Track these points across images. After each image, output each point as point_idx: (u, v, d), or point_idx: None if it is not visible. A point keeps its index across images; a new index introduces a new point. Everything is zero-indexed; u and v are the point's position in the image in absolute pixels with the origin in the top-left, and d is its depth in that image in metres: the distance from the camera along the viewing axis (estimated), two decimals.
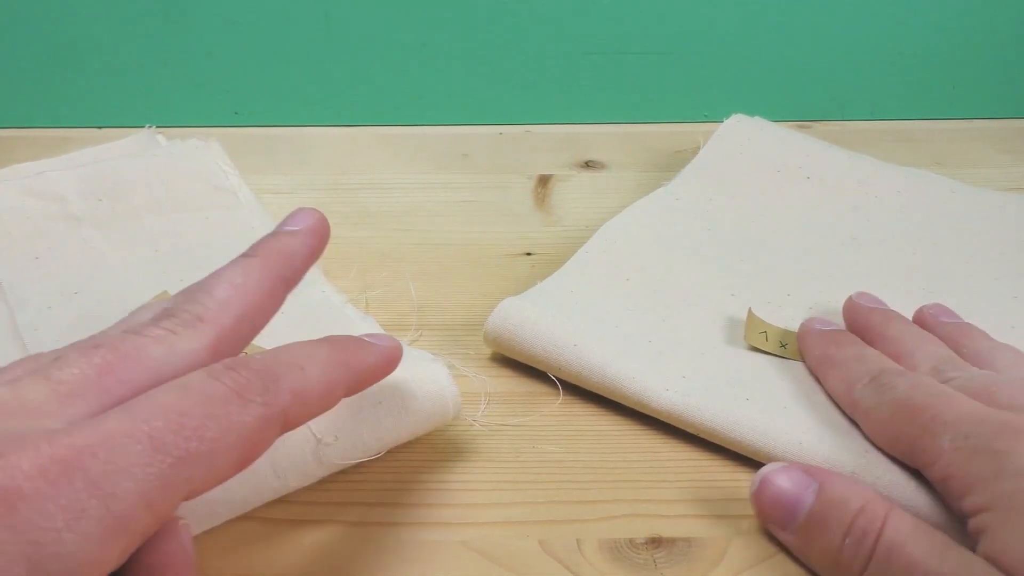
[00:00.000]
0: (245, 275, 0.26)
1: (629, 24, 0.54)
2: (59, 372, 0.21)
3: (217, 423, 0.21)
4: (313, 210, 0.29)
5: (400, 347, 0.28)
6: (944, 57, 0.56)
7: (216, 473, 0.21)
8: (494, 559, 0.29)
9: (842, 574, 0.25)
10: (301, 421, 0.24)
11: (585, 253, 0.40)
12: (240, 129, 0.56)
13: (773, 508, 0.28)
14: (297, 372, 0.23)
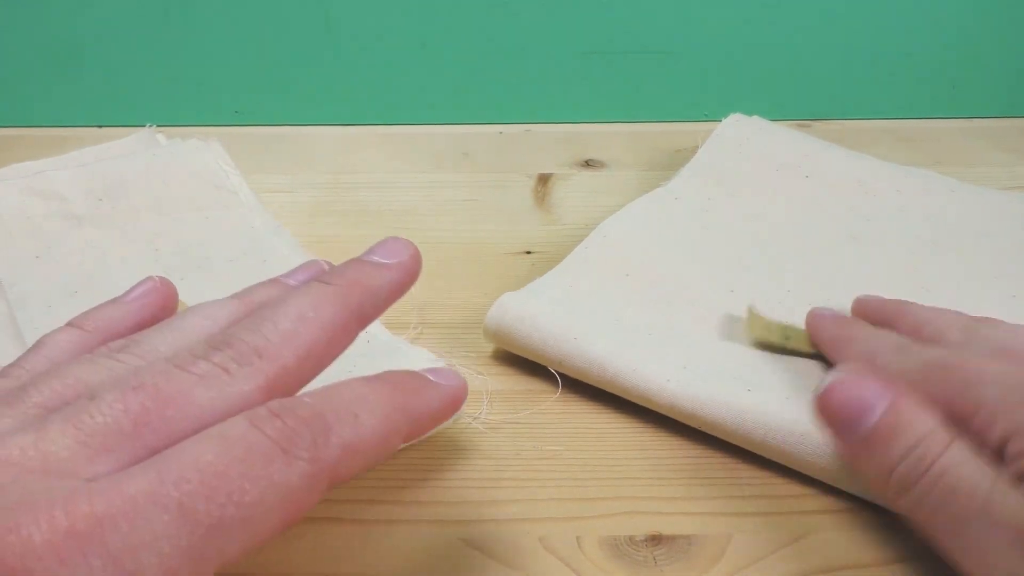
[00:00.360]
0: (317, 308, 0.22)
1: (629, 23, 0.54)
2: (91, 420, 0.19)
3: (257, 485, 0.18)
4: (408, 243, 0.26)
5: (465, 387, 0.26)
6: (944, 56, 0.56)
7: (254, 538, 0.19)
8: (494, 556, 0.29)
9: (887, 493, 0.25)
10: (351, 475, 0.21)
11: (584, 249, 0.40)
12: (240, 128, 0.56)
13: (840, 411, 0.26)
14: (350, 421, 0.21)
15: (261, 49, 0.54)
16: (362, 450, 0.21)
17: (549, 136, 0.55)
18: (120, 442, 0.19)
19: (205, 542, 0.18)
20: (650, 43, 0.55)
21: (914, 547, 0.29)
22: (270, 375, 0.21)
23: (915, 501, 0.24)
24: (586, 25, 0.54)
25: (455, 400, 0.25)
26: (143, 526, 0.17)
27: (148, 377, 0.20)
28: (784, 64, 0.56)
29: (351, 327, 0.23)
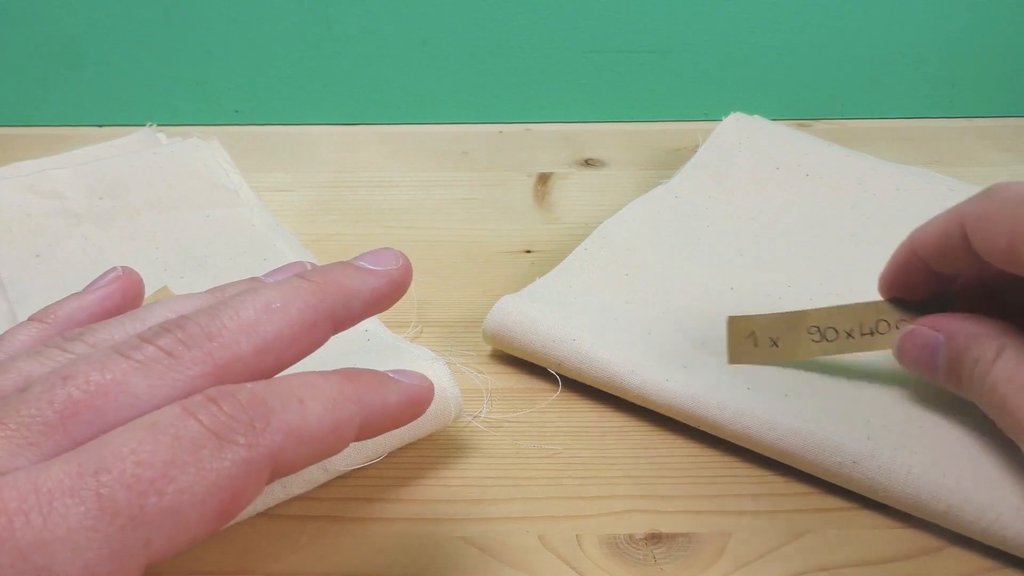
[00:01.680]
0: (285, 300, 0.21)
1: (629, 22, 0.54)
2: (16, 413, 0.18)
3: (184, 472, 0.17)
4: (399, 254, 0.25)
5: (432, 388, 0.24)
6: (943, 56, 0.56)
7: (187, 530, 0.17)
8: (494, 555, 0.29)
9: (970, 395, 0.29)
10: (299, 464, 0.20)
11: (584, 250, 0.40)
12: (241, 127, 0.56)
13: (916, 366, 0.30)
14: (294, 406, 0.19)
15: (261, 48, 0.54)
16: (308, 436, 0.19)
17: (549, 135, 0.55)
18: (45, 435, 0.18)
19: (126, 534, 0.16)
20: (650, 42, 0.55)
21: (914, 547, 0.29)
22: (219, 362, 0.20)
23: (989, 410, 0.28)
24: (586, 24, 0.54)
25: (416, 399, 0.23)
26: (57, 519, 0.16)
27: (82, 367, 0.19)
28: (784, 63, 0.56)
29: (320, 326, 0.22)
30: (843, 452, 0.30)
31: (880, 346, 0.31)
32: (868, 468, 0.29)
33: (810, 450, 0.30)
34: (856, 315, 0.32)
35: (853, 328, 0.31)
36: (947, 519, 0.29)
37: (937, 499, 0.28)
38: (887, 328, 0.31)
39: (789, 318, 0.32)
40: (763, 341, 0.32)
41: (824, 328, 0.32)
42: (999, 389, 0.27)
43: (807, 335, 0.32)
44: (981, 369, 0.27)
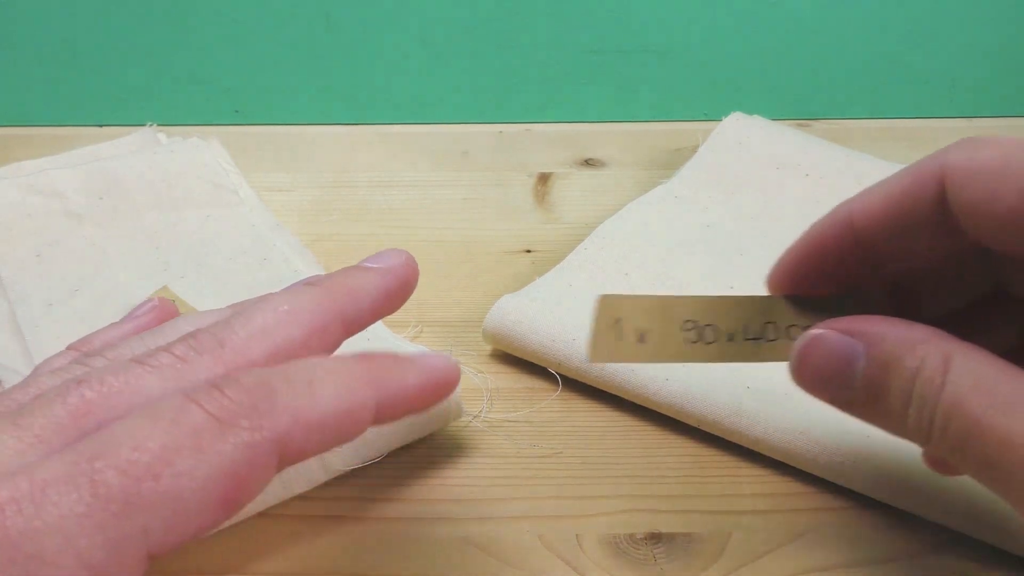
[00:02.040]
0: (294, 303, 0.21)
1: (629, 23, 0.54)
2: (29, 417, 0.18)
3: (183, 457, 0.17)
4: (401, 251, 0.25)
5: (457, 368, 0.23)
6: (943, 56, 0.56)
7: (188, 518, 0.17)
8: (494, 554, 0.29)
9: (912, 440, 0.21)
10: (311, 450, 0.19)
11: (584, 249, 0.40)
12: (241, 127, 0.56)
13: (821, 386, 0.22)
14: (302, 388, 0.19)
15: (261, 48, 0.54)
16: (318, 421, 0.19)
17: (549, 135, 0.55)
18: (56, 433, 0.18)
19: (121, 521, 0.16)
20: (650, 42, 0.55)
21: (914, 546, 0.29)
22: (231, 365, 0.19)
23: (943, 450, 0.20)
24: (586, 24, 0.54)
25: (438, 380, 0.22)
26: (49, 507, 0.16)
27: (97, 372, 0.19)
28: (784, 63, 0.56)
29: (332, 329, 0.22)
30: (843, 452, 0.30)
31: (767, 357, 0.24)
32: (866, 468, 0.30)
33: (810, 450, 0.30)
34: (741, 311, 0.25)
35: (736, 329, 0.24)
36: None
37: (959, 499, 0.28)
38: (776, 334, 0.24)
39: (662, 305, 0.25)
40: (628, 333, 0.24)
41: (702, 325, 0.25)
42: (965, 405, 0.19)
43: (681, 331, 0.25)
44: (927, 383, 0.20)
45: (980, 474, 0.19)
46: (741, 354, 0.24)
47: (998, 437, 0.18)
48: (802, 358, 0.22)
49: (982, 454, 0.19)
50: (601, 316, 0.24)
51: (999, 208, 0.20)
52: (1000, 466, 0.18)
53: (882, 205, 0.23)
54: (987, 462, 0.19)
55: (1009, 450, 0.18)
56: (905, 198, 0.22)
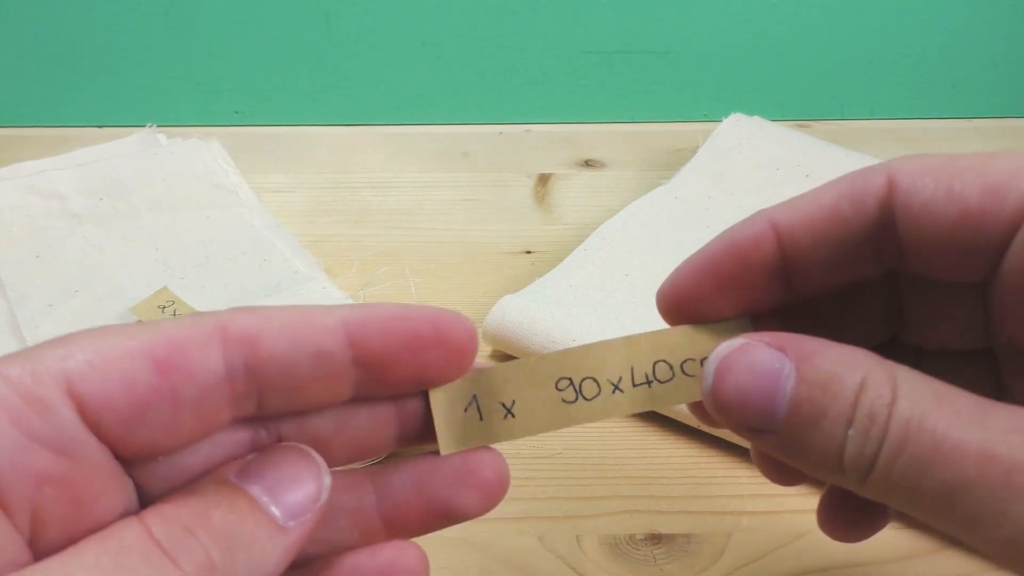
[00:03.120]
0: None
1: (629, 23, 0.54)
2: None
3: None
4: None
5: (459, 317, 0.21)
6: (943, 56, 0.56)
7: None
8: (494, 555, 0.29)
9: (848, 476, 0.18)
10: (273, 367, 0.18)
11: (584, 250, 0.40)
12: (241, 128, 0.56)
13: (741, 406, 0.18)
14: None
15: (261, 49, 0.54)
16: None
17: (549, 136, 0.55)
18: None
19: None
20: (650, 43, 0.55)
21: (915, 547, 0.29)
22: None
23: (887, 483, 0.17)
24: (586, 25, 0.54)
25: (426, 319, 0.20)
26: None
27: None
28: (784, 64, 0.56)
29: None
30: None
31: (665, 401, 0.21)
32: None
33: None
34: (621, 354, 0.21)
35: (621, 376, 0.21)
36: None
37: None
38: (669, 373, 0.21)
39: (526, 368, 0.21)
40: (491, 410, 0.21)
41: (578, 380, 0.21)
42: (927, 422, 0.16)
43: (556, 391, 0.21)
44: (876, 400, 0.17)
45: (938, 505, 0.16)
46: (633, 404, 0.21)
47: (975, 452, 0.16)
48: (722, 372, 0.19)
49: (950, 477, 0.16)
50: (442, 409, 0.21)
51: (954, 209, 0.18)
52: (974, 488, 0.16)
53: (811, 213, 0.20)
54: (957, 486, 0.16)
55: (989, 465, 0.16)
56: (841, 204, 0.20)
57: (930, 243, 0.19)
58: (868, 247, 0.19)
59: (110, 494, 0.17)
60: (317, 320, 0.18)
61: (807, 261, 0.20)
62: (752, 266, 0.20)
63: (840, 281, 0.20)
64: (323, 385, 0.19)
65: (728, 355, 0.19)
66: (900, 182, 0.19)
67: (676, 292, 0.21)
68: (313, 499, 0.18)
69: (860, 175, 0.20)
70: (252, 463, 0.18)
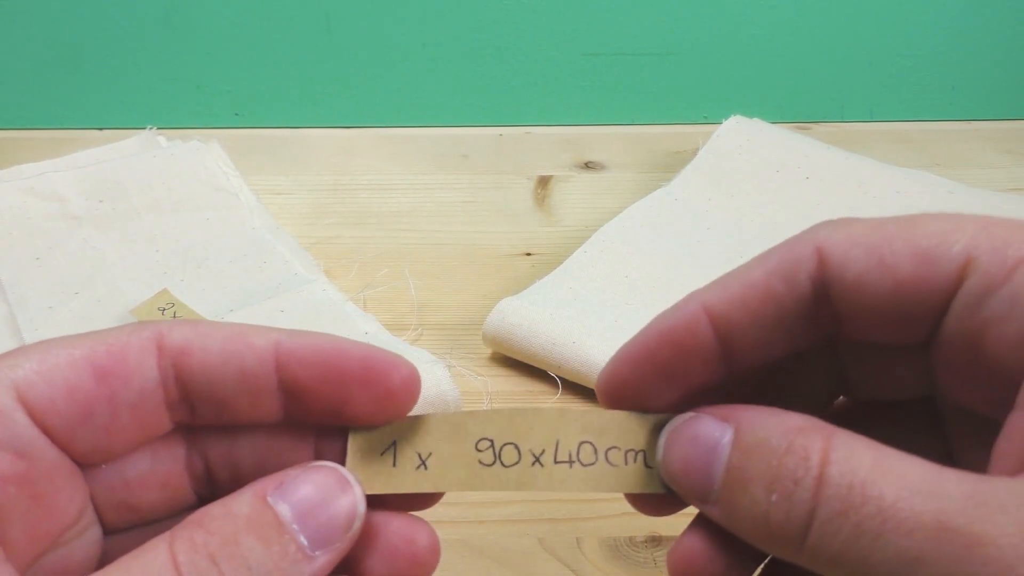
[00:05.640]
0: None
1: (629, 25, 0.54)
2: None
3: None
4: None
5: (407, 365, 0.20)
6: (943, 59, 0.56)
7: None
8: (494, 557, 0.29)
9: (781, 544, 0.17)
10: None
11: (584, 252, 0.40)
12: (241, 130, 0.56)
13: (685, 477, 0.19)
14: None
15: (261, 51, 0.54)
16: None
17: (549, 138, 0.55)
18: None
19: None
20: (650, 45, 0.55)
21: None
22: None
23: (830, 553, 0.16)
24: (586, 27, 0.54)
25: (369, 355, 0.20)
26: None
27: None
28: (784, 66, 0.56)
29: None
30: None
31: (583, 485, 0.20)
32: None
33: None
34: (549, 427, 0.20)
35: (544, 449, 0.20)
36: None
37: None
38: (593, 457, 0.20)
39: (450, 423, 0.21)
40: (406, 458, 0.20)
41: (500, 444, 0.21)
42: (872, 495, 0.15)
43: (474, 451, 0.21)
44: (800, 462, 0.16)
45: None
46: (550, 482, 0.20)
47: (931, 524, 0.15)
48: (669, 443, 0.19)
49: (905, 550, 0.15)
50: (359, 448, 0.20)
51: (888, 280, 0.18)
52: (932, 563, 0.15)
53: (742, 293, 0.19)
54: (912, 559, 0.15)
55: (947, 538, 0.15)
56: (772, 282, 0.19)
57: (866, 313, 0.18)
58: (804, 320, 0.19)
59: (68, 491, 0.18)
60: (250, 340, 0.19)
61: (743, 340, 0.20)
62: (688, 352, 0.20)
63: (779, 354, 0.20)
64: (249, 403, 0.19)
65: (676, 427, 0.19)
66: (831, 256, 0.19)
67: (615, 381, 0.21)
68: (343, 528, 0.18)
69: (788, 250, 0.19)
70: (290, 481, 0.18)
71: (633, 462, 0.20)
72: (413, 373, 0.20)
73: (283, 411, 0.19)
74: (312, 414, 0.19)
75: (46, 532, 0.18)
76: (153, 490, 0.20)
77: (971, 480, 0.15)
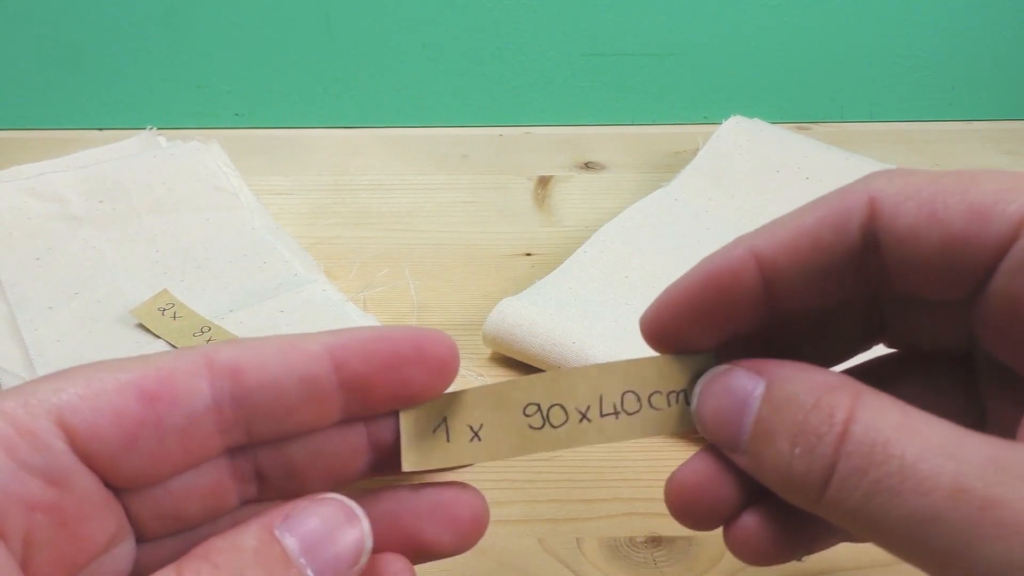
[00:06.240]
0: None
1: (629, 25, 0.54)
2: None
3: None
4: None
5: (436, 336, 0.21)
6: (943, 59, 0.56)
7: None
8: (494, 557, 0.29)
9: (801, 495, 0.18)
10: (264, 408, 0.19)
11: (584, 253, 0.40)
12: (241, 130, 0.56)
13: (717, 427, 0.19)
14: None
15: (262, 51, 0.54)
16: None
17: (549, 138, 0.55)
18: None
19: None
20: (650, 45, 0.55)
21: None
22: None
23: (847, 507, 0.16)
24: (586, 27, 0.54)
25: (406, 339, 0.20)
26: None
27: None
28: (784, 66, 0.56)
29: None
30: None
31: (631, 433, 0.21)
32: None
33: None
34: (592, 383, 0.21)
35: (589, 405, 0.21)
36: None
37: None
38: (637, 405, 0.21)
39: (495, 392, 0.21)
40: (459, 432, 0.21)
41: (547, 407, 0.21)
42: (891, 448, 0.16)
43: (523, 416, 0.21)
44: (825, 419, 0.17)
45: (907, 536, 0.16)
46: (601, 434, 0.21)
47: (948, 484, 0.15)
48: (704, 394, 0.20)
49: (921, 508, 0.15)
50: (412, 428, 0.21)
51: (939, 234, 0.18)
52: (946, 522, 0.15)
53: (792, 239, 0.19)
54: (928, 518, 0.15)
55: (963, 499, 0.15)
56: (823, 230, 0.19)
57: (915, 267, 0.18)
58: (851, 271, 0.19)
59: (99, 519, 0.18)
60: (301, 346, 0.19)
61: (789, 288, 0.20)
62: (733, 296, 0.20)
63: (825, 302, 0.20)
64: (311, 409, 0.19)
65: (712, 378, 0.20)
66: (882, 206, 0.18)
67: (659, 322, 0.21)
68: (351, 562, 0.18)
69: (840, 199, 0.19)
70: (297, 514, 0.18)
71: (676, 403, 0.21)
72: (453, 344, 0.20)
73: (342, 410, 0.19)
74: (370, 405, 0.19)
75: (73, 560, 0.17)
76: (195, 501, 0.19)
77: (993, 444, 0.16)
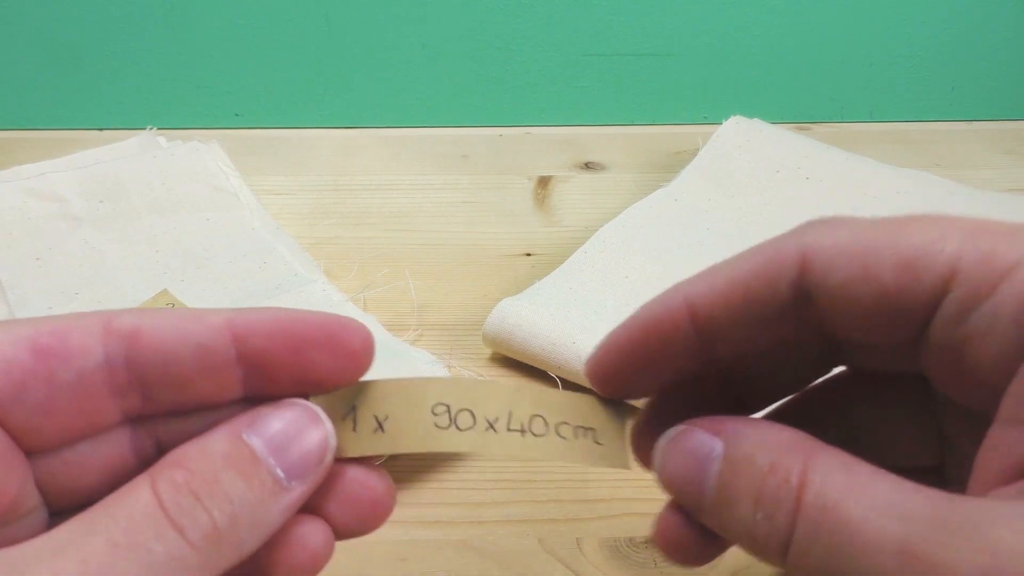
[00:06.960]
0: None
1: (629, 26, 0.54)
2: None
3: None
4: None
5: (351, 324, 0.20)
6: (943, 59, 0.56)
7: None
8: (494, 558, 0.29)
9: (766, 557, 0.18)
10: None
11: (584, 253, 0.40)
12: (241, 131, 0.56)
13: (679, 489, 0.19)
14: None
15: (261, 52, 0.55)
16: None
17: (549, 138, 0.55)
18: None
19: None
20: (650, 45, 0.55)
21: None
22: None
23: (808, 570, 0.17)
24: (586, 27, 0.54)
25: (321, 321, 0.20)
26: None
27: None
28: (784, 67, 0.56)
29: None
30: None
31: (532, 453, 0.21)
32: None
33: None
34: (504, 398, 0.21)
35: (498, 417, 0.21)
36: None
37: None
38: (543, 429, 0.21)
39: (408, 388, 0.21)
40: (365, 422, 0.21)
41: (456, 409, 0.21)
42: (840, 511, 0.16)
43: (431, 415, 0.21)
44: (782, 483, 0.17)
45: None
46: (503, 447, 0.21)
47: (893, 547, 0.15)
48: (665, 455, 0.20)
49: (868, 570, 0.15)
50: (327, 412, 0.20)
51: (871, 289, 0.18)
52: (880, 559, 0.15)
53: (726, 290, 0.20)
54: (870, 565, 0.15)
55: (907, 563, 0.15)
56: (754, 283, 0.19)
57: (851, 317, 0.19)
58: (788, 319, 0.19)
59: (2, 468, 0.18)
60: (202, 317, 0.19)
61: (727, 335, 0.20)
62: (670, 343, 0.20)
63: (764, 345, 0.20)
64: (208, 380, 0.19)
65: (671, 440, 0.20)
66: (814, 262, 0.19)
67: (601, 367, 0.21)
68: (317, 460, 0.19)
69: (773, 251, 0.19)
70: (262, 418, 0.19)
71: (583, 437, 0.21)
72: (369, 335, 0.20)
73: (243, 386, 0.19)
74: (272, 385, 0.19)
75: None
76: (95, 473, 0.19)
77: (939, 502, 0.15)
